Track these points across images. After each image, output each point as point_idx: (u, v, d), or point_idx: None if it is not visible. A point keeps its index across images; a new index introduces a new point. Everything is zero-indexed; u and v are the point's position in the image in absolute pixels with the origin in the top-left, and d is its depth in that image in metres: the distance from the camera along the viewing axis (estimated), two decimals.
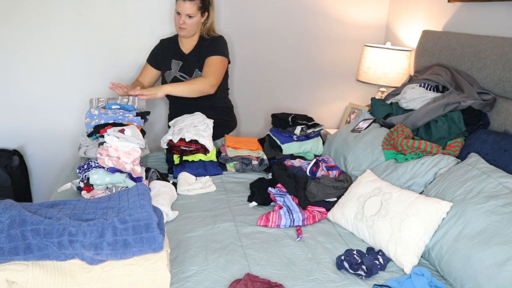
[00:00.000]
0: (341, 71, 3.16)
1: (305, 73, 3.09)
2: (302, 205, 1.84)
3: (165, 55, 2.43)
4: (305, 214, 1.79)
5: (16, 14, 2.50)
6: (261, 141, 2.51)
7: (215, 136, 2.41)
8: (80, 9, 2.58)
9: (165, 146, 2.30)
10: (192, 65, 2.39)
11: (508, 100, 1.93)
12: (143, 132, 2.11)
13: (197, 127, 2.28)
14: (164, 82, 2.47)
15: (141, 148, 1.92)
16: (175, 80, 2.41)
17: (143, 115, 2.19)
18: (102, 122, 2.07)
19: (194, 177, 2.14)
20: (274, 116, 2.50)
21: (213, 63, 2.31)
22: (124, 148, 1.87)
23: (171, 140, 2.25)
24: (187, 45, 2.41)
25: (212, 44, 2.35)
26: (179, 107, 2.47)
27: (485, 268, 1.30)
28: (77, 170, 1.91)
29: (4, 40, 2.53)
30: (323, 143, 2.42)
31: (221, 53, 2.34)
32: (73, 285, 1.16)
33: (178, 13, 2.24)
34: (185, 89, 2.23)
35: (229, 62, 2.43)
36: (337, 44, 3.08)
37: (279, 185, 2.01)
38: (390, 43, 2.81)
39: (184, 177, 2.10)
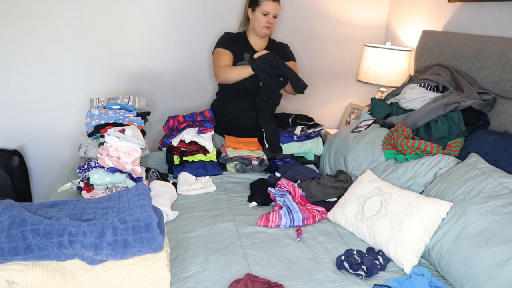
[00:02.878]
0: (341, 71, 3.15)
1: (305, 73, 3.08)
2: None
3: (236, 47, 2.46)
4: (305, 214, 1.79)
5: (16, 14, 2.50)
6: (261, 141, 2.51)
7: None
8: (80, 9, 2.58)
9: (165, 147, 2.30)
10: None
11: (508, 100, 1.93)
12: (143, 132, 2.11)
13: (196, 128, 2.29)
14: None
15: (141, 148, 1.92)
16: None
17: (144, 115, 2.19)
18: (103, 122, 2.07)
19: (194, 177, 2.14)
20: (274, 116, 2.49)
21: (295, 67, 2.54)
22: (125, 148, 1.87)
23: (170, 142, 2.25)
24: (258, 44, 2.50)
25: (289, 51, 2.57)
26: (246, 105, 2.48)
27: (485, 268, 1.30)
28: (77, 170, 1.91)
29: (4, 40, 2.53)
30: (323, 143, 2.42)
31: (295, 60, 2.59)
32: (73, 285, 1.16)
33: (265, 14, 2.35)
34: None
35: None
36: (337, 44, 3.08)
37: (279, 184, 2.01)
38: (390, 43, 2.81)
39: (184, 177, 2.10)
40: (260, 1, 2.34)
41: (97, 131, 2.03)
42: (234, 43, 2.45)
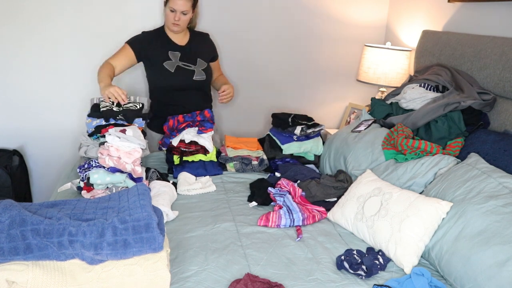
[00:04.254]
0: (341, 71, 3.15)
1: (305, 73, 3.09)
2: None
3: (156, 47, 2.40)
4: (305, 214, 1.79)
5: (16, 14, 2.50)
6: (261, 141, 2.51)
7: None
8: (80, 9, 2.58)
9: (165, 147, 2.30)
10: (192, 55, 2.45)
11: (508, 100, 1.93)
12: (143, 133, 2.11)
13: (196, 128, 2.29)
14: (159, 71, 2.40)
15: (142, 149, 1.92)
16: (179, 69, 2.41)
17: (145, 116, 2.18)
18: (104, 123, 2.07)
19: (194, 177, 2.14)
20: (274, 116, 2.50)
21: (218, 64, 2.65)
22: (125, 148, 1.87)
23: (170, 142, 2.25)
24: (180, 39, 2.46)
25: (212, 46, 2.60)
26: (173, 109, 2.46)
27: (485, 268, 1.30)
28: (78, 170, 1.91)
29: (4, 40, 2.53)
30: (323, 143, 2.42)
31: (217, 54, 2.64)
32: (73, 285, 1.16)
33: (172, 11, 2.29)
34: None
35: None
36: (337, 44, 3.08)
37: (279, 184, 2.00)
38: (390, 43, 2.81)
39: (184, 177, 2.10)
40: None
41: (98, 131, 2.03)
42: (151, 42, 2.40)
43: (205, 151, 2.25)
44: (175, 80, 2.40)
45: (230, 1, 2.79)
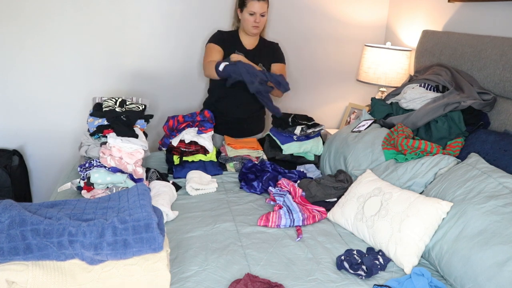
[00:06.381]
0: (341, 71, 3.16)
1: (305, 73, 3.09)
2: None
3: (226, 45, 2.48)
4: (305, 214, 1.79)
5: (16, 14, 2.50)
6: (261, 141, 2.51)
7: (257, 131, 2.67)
8: (80, 9, 2.58)
9: (165, 147, 2.30)
10: (255, 59, 2.47)
11: (508, 100, 1.93)
12: (145, 134, 2.11)
13: (196, 128, 2.29)
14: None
15: (144, 150, 1.92)
16: None
17: (147, 118, 2.18)
18: (106, 123, 2.06)
19: (209, 177, 2.12)
20: (274, 116, 2.49)
21: (283, 69, 2.58)
22: (127, 149, 1.87)
23: (170, 142, 2.25)
24: (248, 42, 2.53)
25: (279, 51, 2.60)
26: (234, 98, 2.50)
27: (485, 268, 1.30)
28: (78, 169, 1.91)
29: (4, 40, 2.53)
30: (323, 143, 2.42)
31: (284, 61, 2.62)
32: (73, 285, 1.16)
33: (251, 14, 2.38)
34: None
35: None
36: (337, 44, 3.08)
37: (279, 184, 2.00)
38: (390, 43, 2.81)
39: (200, 175, 2.08)
40: (247, 1, 2.38)
41: (100, 131, 2.03)
42: (225, 41, 2.47)
43: (205, 151, 2.25)
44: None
45: (230, 2, 2.79)
